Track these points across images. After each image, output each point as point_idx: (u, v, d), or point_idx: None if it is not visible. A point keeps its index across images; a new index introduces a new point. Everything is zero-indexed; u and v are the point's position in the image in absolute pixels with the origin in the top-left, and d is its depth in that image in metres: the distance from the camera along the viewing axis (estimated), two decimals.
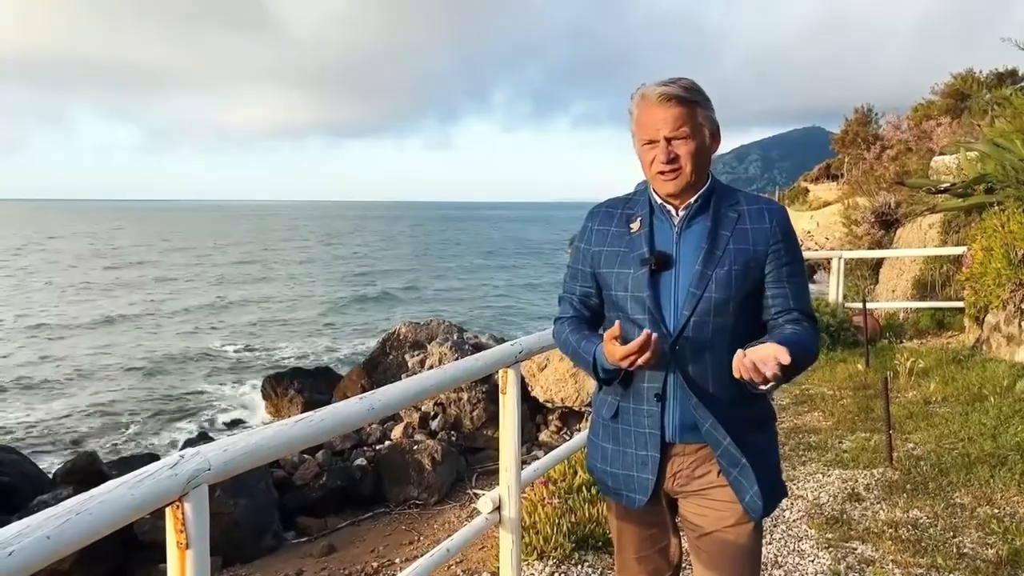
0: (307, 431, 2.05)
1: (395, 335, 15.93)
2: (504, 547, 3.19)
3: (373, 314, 31.78)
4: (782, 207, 2.09)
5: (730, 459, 1.98)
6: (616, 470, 2.13)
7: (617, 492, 2.15)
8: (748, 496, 1.99)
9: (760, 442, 2.05)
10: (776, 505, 2.09)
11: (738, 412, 2.00)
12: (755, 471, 1.98)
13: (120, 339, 25.71)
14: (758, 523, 2.07)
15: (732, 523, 2.04)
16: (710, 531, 2.06)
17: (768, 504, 2.02)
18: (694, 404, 1.97)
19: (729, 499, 2.02)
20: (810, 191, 50.28)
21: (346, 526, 8.86)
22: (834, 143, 40.01)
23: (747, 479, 1.98)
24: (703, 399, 1.97)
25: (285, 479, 9.99)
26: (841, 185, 31.28)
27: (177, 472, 1.65)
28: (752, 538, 2.06)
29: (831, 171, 46.06)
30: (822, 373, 7.71)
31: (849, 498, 4.58)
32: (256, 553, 8.20)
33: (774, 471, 2.09)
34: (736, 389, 1.98)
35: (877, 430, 5.65)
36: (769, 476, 2.03)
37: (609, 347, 1.91)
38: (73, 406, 17.18)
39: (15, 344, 24.55)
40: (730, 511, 2.03)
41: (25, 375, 20.21)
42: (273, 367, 19.45)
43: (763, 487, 1.99)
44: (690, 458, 2.05)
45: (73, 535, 1.37)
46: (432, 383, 2.65)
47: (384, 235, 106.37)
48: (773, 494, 2.05)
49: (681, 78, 1.98)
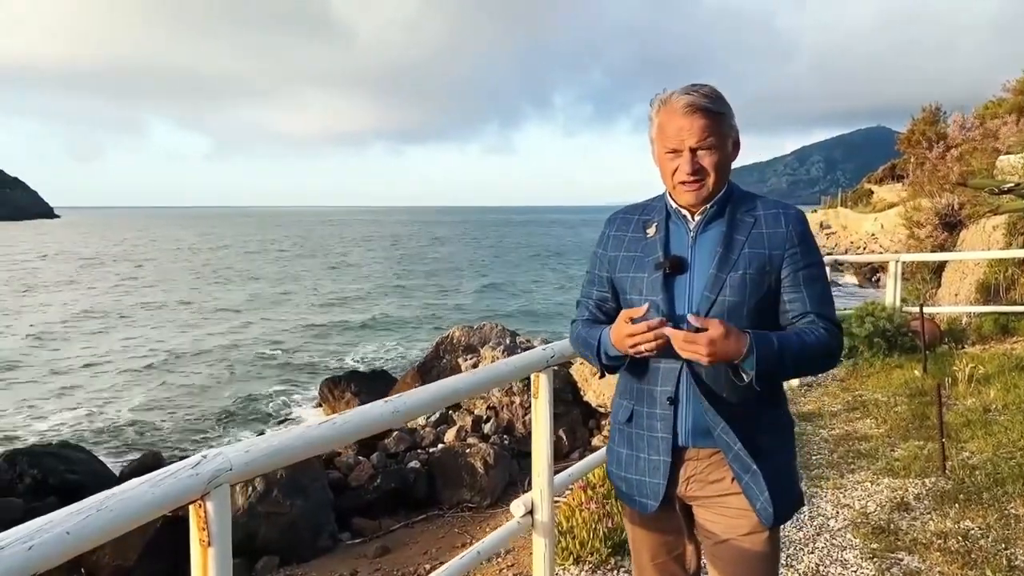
0: (330, 433, 2.10)
1: (449, 339, 16.08)
2: (537, 551, 3.20)
3: (433, 317, 32.07)
4: (799, 211, 2.07)
5: (741, 465, 1.97)
6: (630, 475, 2.13)
7: (631, 497, 2.15)
8: (760, 503, 1.97)
9: (774, 448, 2.03)
10: (791, 514, 2.07)
11: (751, 417, 1.98)
12: (767, 478, 1.96)
13: (189, 339, 26.45)
14: (774, 531, 2.04)
15: (747, 531, 2.02)
16: (724, 539, 2.05)
17: (781, 512, 1.99)
18: (705, 408, 1.96)
19: (743, 506, 2.01)
20: (874, 193, 49.17)
21: (400, 528, 8.98)
22: (899, 143, 38.96)
23: (758, 486, 1.96)
24: (715, 403, 1.96)
25: (341, 480, 10.18)
26: (905, 186, 30.47)
27: (198, 472, 1.71)
28: (767, 546, 2.04)
29: (896, 172, 44.96)
30: (877, 379, 7.53)
31: (897, 507, 4.47)
32: (312, 553, 8.38)
33: (789, 479, 2.07)
34: (750, 394, 1.97)
35: (931, 438, 5.50)
36: (783, 484, 2.01)
37: (619, 325, 1.95)
38: (139, 405, 17.74)
39: (87, 343, 25.44)
40: (745, 519, 2.02)
41: (94, 374, 20.93)
42: (335, 370, 19.80)
43: (775, 495, 1.97)
44: (704, 463, 2.04)
45: (93, 531, 1.44)
46: (460, 387, 2.68)
47: (447, 239, 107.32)
48: (787, 502, 2.03)
49: (704, 85, 1.98)
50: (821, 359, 1.98)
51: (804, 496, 2.23)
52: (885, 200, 42.47)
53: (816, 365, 2.00)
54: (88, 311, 32.75)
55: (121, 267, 58.19)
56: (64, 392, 19.19)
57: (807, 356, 1.93)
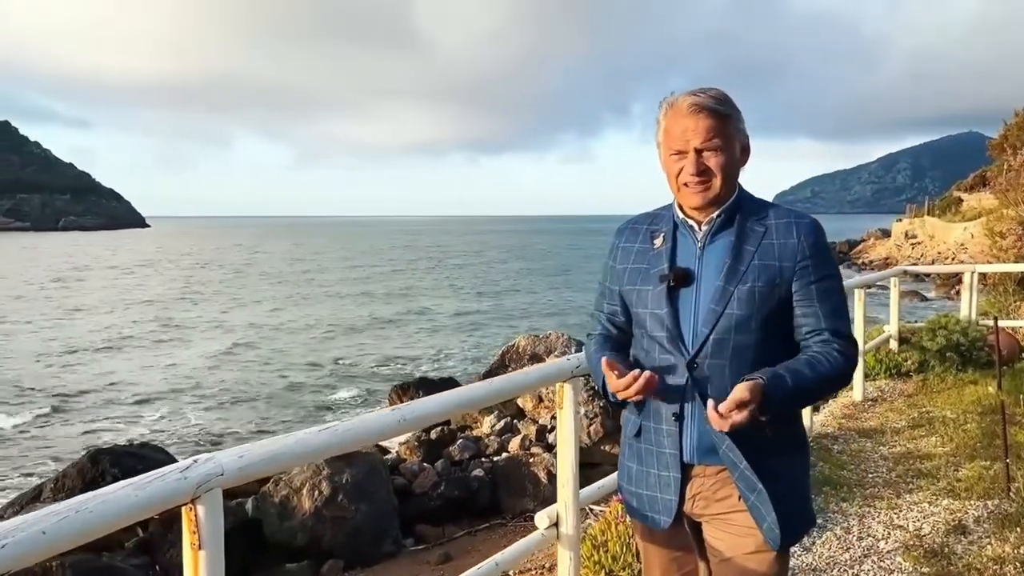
0: (332, 440, 2.12)
1: (515, 347, 16.10)
2: (562, 564, 3.16)
3: (506, 326, 32.20)
4: (813, 220, 1.99)
5: (747, 483, 1.91)
6: (640, 491, 2.09)
7: (642, 513, 2.10)
8: (766, 523, 1.91)
9: (782, 468, 1.95)
10: (800, 536, 2.00)
11: (759, 435, 1.91)
12: (774, 498, 1.89)
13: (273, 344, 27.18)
14: (782, 552, 1.96)
15: (751, 550, 1.95)
16: (729, 557, 1.99)
17: (788, 534, 1.92)
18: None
19: (749, 525, 1.94)
20: (964, 201, 47.23)
21: (463, 535, 9.01)
22: (991, 149, 37.28)
23: (764, 506, 1.90)
24: None
25: (405, 487, 10.28)
26: (988, 193, 29.21)
27: (187, 476, 1.74)
28: (774, 568, 1.96)
29: (987, 179, 43.11)
30: (948, 395, 7.21)
31: (954, 530, 4.26)
32: (376, 558, 8.48)
33: (798, 499, 1.99)
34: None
35: (1000, 458, 5.23)
36: (792, 504, 1.94)
37: (608, 378, 1.93)
38: (215, 406, 18.28)
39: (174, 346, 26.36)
40: (750, 538, 1.95)
41: (173, 379, 21.66)
42: (407, 376, 20.06)
43: (782, 515, 1.89)
44: (710, 480, 1.98)
45: (70, 532, 1.48)
46: (474, 396, 2.67)
47: (525, 248, 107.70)
48: (795, 524, 1.95)
49: (711, 88, 1.94)
50: (836, 383, 1.95)
51: (817, 516, 2.14)
52: (975, 208, 40.78)
53: (831, 390, 1.98)
54: (167, 318, 33.89)
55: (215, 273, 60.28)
56: (145, 395, 19.93)
57: (821, 386, 1.90)
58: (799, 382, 1.83)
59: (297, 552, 8.23)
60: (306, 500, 8.45)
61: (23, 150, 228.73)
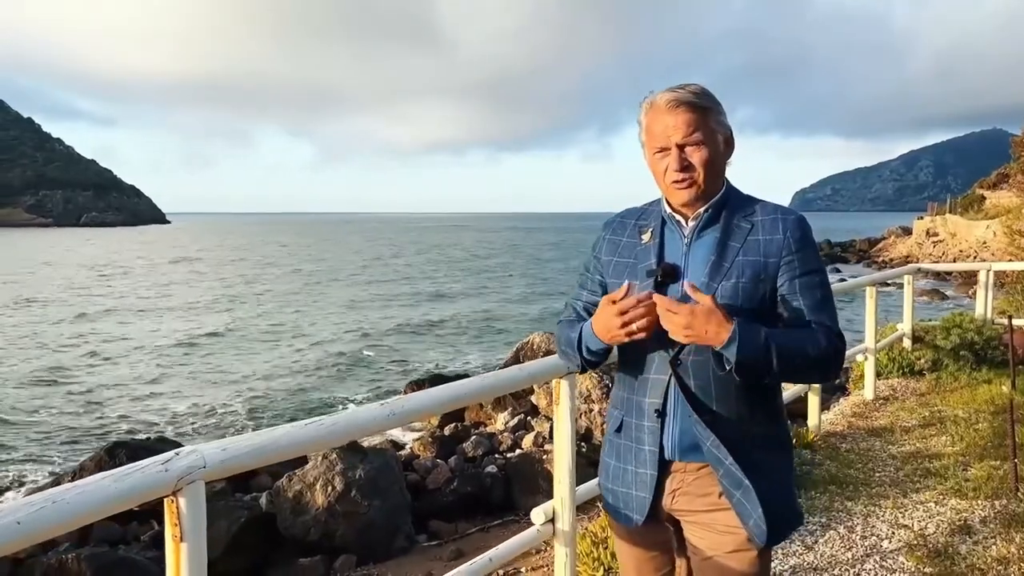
0: (318, 434, 2.12)
1: (529, 344, 16.12)
2: (558, 560, 3.16)
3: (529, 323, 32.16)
4: (799, 216, 1.98)
5: (732, 480, 1.89)
6: (617, 487, 2.08)
7: (616, 510, 2.10)
8: (752, 520, 1.89)
9: (768, 464, 1.93)
10: (786, 534, 1.98)
11: (744, 432, 1.91)
12: (760, 495, 1.87)
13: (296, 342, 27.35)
14: (764, 551, 1.95)
15: (732, 549, 1.94)
16: (710, 556, 1.97)
17: (774, 532, 1.90)
18: (695, 421, 1.89)
19: (732, 523, 1.93)
20: (986, 198, 46.69)
21: (475, 532, 9.02)
22: (1013, 146, 36.81)
23: (750, 503, 1.88)
24: (705, 416, 1.89)
25: (419, 483, 10.32)
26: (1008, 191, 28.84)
27: (168, 468, 1.76)
28: (756, 567, 1.94)
29: (1009, 177, 42.59)
30: (960, 394, 7.13)
31: (960, 530, 4.22)
32: (388, 553, 8.51)
33: (784, 496, 1.97)
34: (743, 407, 1.91)
35: (1009, 458, 5.18)
36: (777, 501, 1.92)
37: (604, 311, 1.89)
38: (232, 402, 18.38)
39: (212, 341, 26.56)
40: (731, 536, 1.94)
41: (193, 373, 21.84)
42: (423, 373, 20.08)
43: (768, 512, 1.88)
44: (691, 476, 1.97)
45: (45, 522, 1.49)
46: (465, 391, 2.67)
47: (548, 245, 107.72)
48: (781, 521, 1.93)
49: (691, 84, 1.94)
50: (814, 364, 1.87)
51: (821, 515, 2.12)
52: (998, 206, 40.32)
53: (808, 369, 1.89)
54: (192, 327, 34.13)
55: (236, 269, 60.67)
56: (160, 385, 20.12)
57: (797, 356, 1.83)
58: (773, 337, 1.80)
59: (310, 547, 8.28)
60: (319, 495, 8.50)
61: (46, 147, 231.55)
